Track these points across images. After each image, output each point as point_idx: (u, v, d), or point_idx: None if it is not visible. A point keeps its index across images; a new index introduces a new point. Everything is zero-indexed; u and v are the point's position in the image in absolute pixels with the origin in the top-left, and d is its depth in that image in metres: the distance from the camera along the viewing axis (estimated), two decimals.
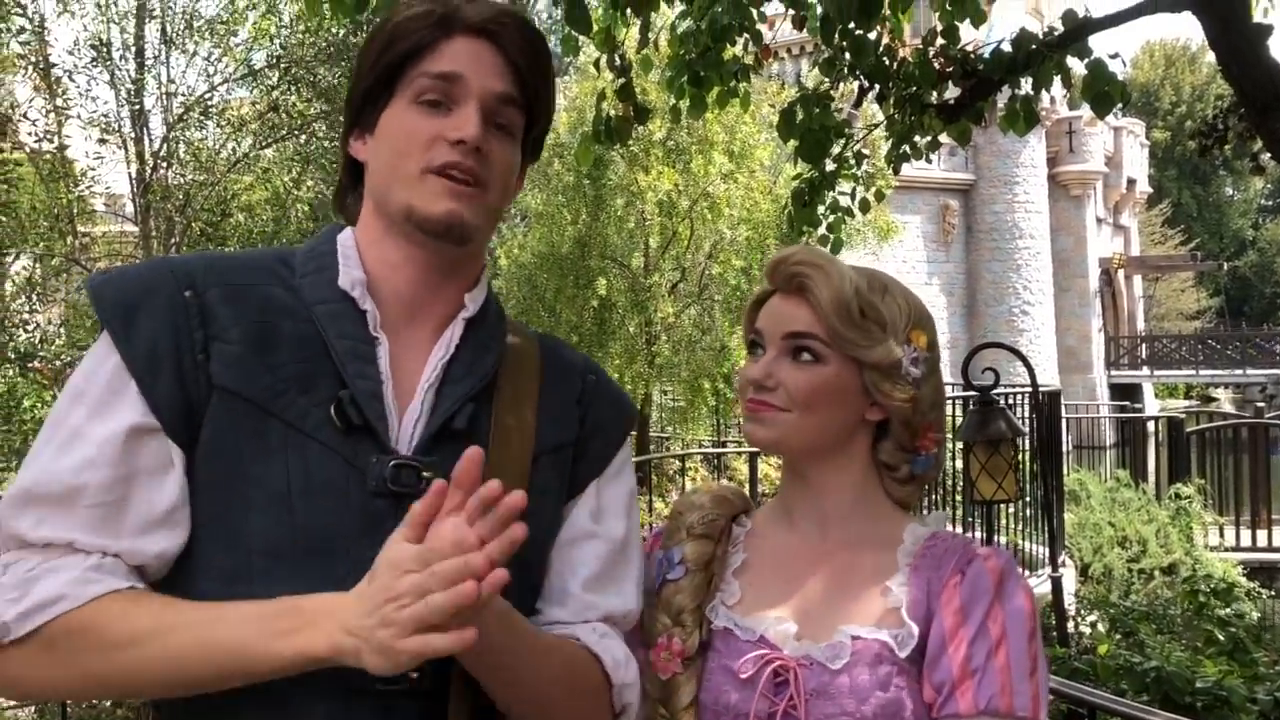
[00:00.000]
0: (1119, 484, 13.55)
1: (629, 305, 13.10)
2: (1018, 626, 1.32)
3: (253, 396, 1.21)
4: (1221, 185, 61.96)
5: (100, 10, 10.70)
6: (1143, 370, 36.09)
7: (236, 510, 1.19)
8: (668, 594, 1.44)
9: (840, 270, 1.44)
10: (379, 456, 1.23)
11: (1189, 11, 4.86)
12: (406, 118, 1.29)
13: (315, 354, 1.24)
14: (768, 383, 1.42)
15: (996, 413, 5.26)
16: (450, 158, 1.27)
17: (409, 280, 1.32)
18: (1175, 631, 6.29)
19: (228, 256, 1.36)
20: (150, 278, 1.25)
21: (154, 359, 1.20)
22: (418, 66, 1.29)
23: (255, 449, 1.20)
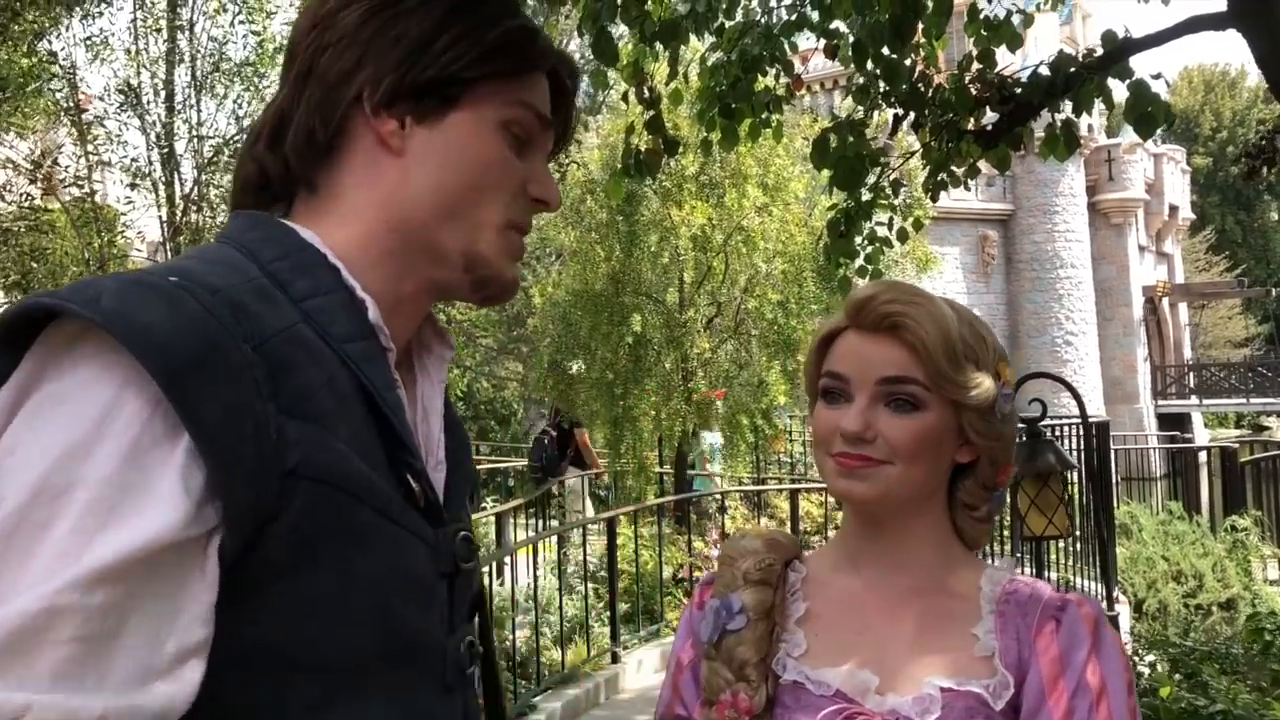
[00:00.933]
0: (1171, 516, 13.22)
1: (664, 341, 13.01)
2: (1116, 678, 1.24)
3: (349, 484, 0.92)
4: (1266, 210, 61.00)
5: (130, 56, 10.87)
6: (1191, 399, 35.46)
7: (331, 628, 0.92)
8: (729, 646, 1.32)
9: (940, 307, 1.34)
10: (441, 531, 1.03)
11: (1234, 30, 4.73)
12: (493, 145, 1.06)
13: (364, 413, 0.96)
14: (867, 434, 1.29)
15: (1045, 445, 5.08)
16: (526, 219, 1.10)
17: (411, 318, 1.09)
18: (1240, 672, 6.03)
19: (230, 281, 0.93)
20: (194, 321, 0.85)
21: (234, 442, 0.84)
22: (518, 90, 1.07)
23: (355, 548, 0.93)
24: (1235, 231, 57.79)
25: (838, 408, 1.33)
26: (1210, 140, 57.56)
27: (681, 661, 1.41)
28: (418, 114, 1.04)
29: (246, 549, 0.87)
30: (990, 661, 1.26)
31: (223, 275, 0.93)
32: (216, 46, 11.20)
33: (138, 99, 10.81)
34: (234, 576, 0.86)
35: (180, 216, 10.82)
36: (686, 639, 1.42)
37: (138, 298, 0.85)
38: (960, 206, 30.04)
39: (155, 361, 0.82)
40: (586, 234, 13.19)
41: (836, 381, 1.34)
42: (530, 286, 13.95)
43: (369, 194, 1.05)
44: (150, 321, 0.83)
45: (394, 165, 1.04)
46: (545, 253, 15.99)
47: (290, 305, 0.95)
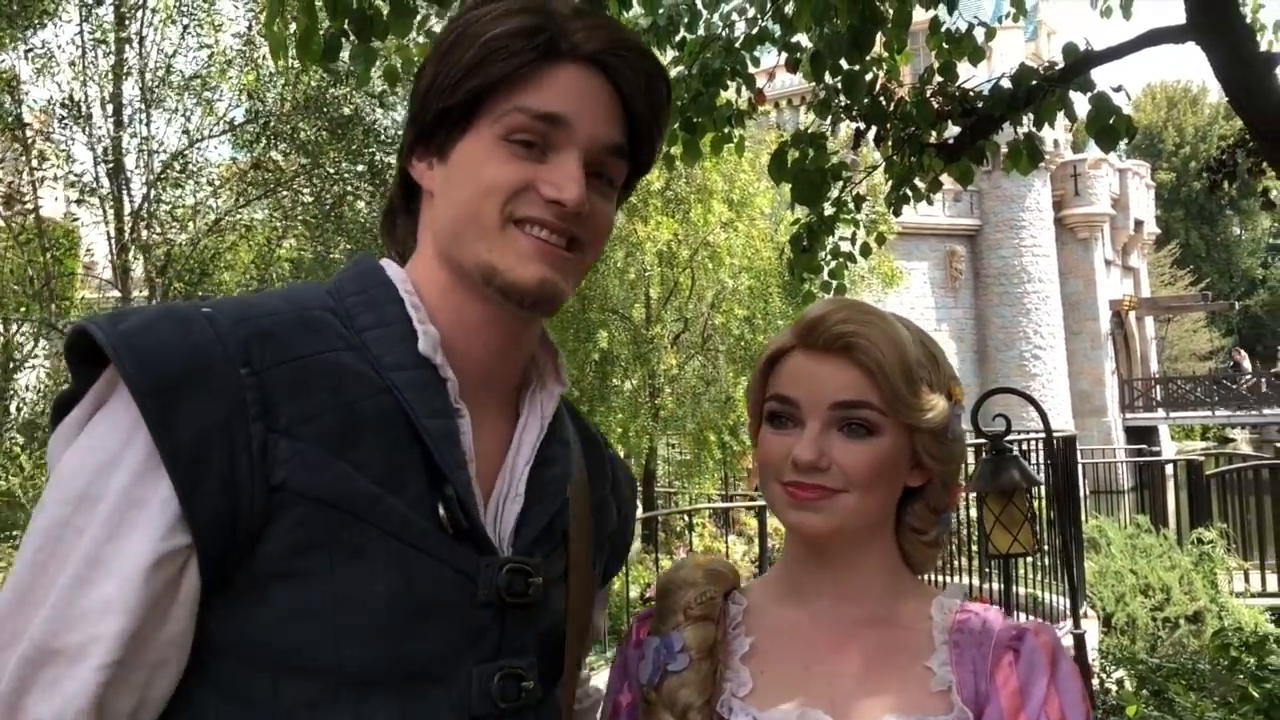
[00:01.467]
0: (1139, 530, 13.27)
1: (631, 358, 12.98)
2: (1075, 709, 1.19)
3: (345, 503, 0.98)
4: (1229, 225, 61.87)
5: (75, 70, 10.70)
6: (1158, 412, 35.75)
7: (323, 637, 0.98)
8: (670, 688, 1.23)
9: (895, 327, 1.27)
10: (488, 560, 1.06)
11: (1193, 43, 4.73)
12: (492, 157, 1.07)
13: (400, 439, 1.03)
14: (821, 463, 1.21)
15: (1009, 461, 5.02)
16: (539, 214, 1.07)
17: (487, 346, 1.12)
18: (1206, 688, 6.00)
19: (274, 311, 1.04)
20: (195, 343, 0.96)
21: (200, 459, 0.93)
22: (512, 98, 1.07)
23: (349, 566, 0.98)
24: (1199, 246, 58.57)
25: (786, 433, 1.25)
26: (1174, 156, 58.35)
27: (620, 704, 1.32)
28: (432, 148, 1.12)
29: (244, 553, 0.96)
30: (947, 696, 1.19)
31: (278, 305, 1.05)
32: (165, 59, 11.05)
33: (79, 112, 10.63)
34: (232, 577, 0.97)
35: (129, 233, 10.63)
36: (623, 680, 1.33)
37: (153, 323, 0.97)
38: (928, 222, 30.23)
39: (134, 381, 0.93)
40: None
41: (786, 405, 1.26)
42: None
43: (425, 231, 1.15)
44: (145, 344, 0.94)
45: (431, 203, 1.14)
46: None
47: (340, 335, 1.04)
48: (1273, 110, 4.55)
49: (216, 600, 0.98)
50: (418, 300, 1.11)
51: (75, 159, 10.89)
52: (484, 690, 1.06)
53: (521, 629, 1.10)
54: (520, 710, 1.09)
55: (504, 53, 1.07)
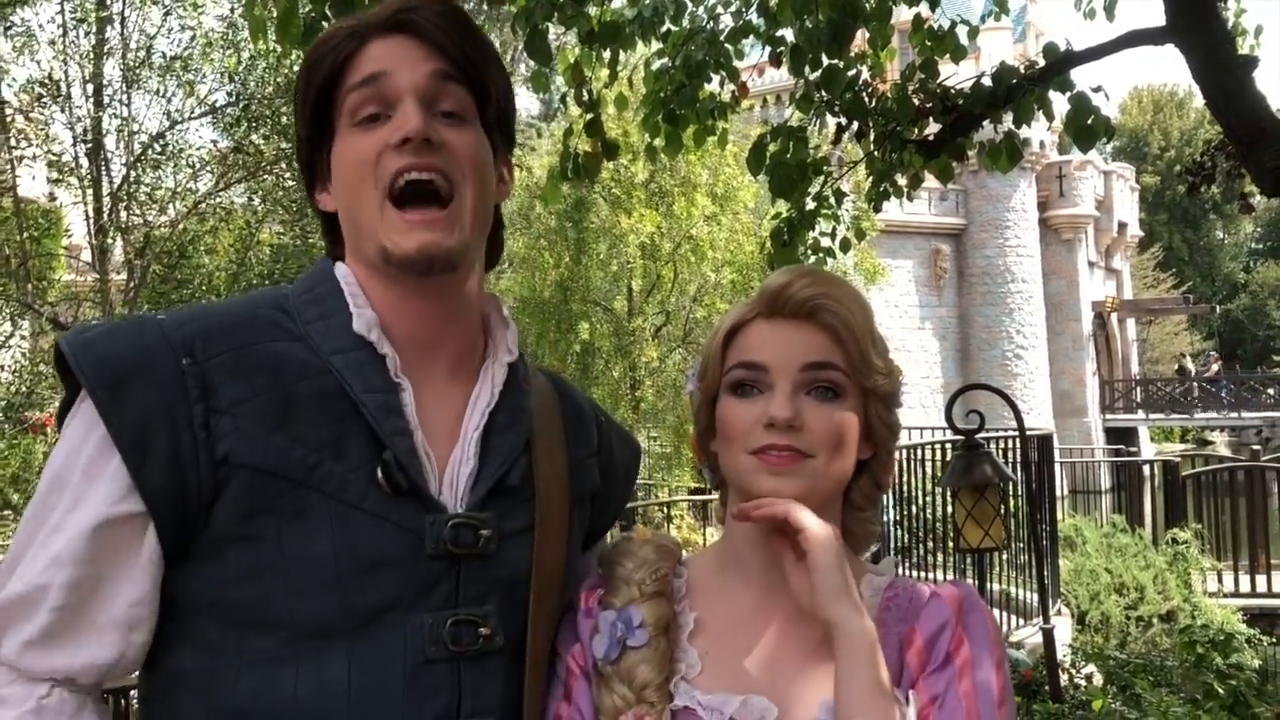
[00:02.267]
0: (1115, 529, 13.34)
1: (612, 350, 12.98)
2: (983, 652, 1.19)
3: (283, 471, 1.11)
4: (1212, 229, 62.22)
5: (55, 49, 10.60)
6: (1138, 414, 35.94)
7: (276, 596, 1.11)
8: (630, 664, 1.23)
9: (856, 291, 1.28)
10: (434, 517, 1.16)
11: (1172, 45, 4.75)
12: (349, 144, 1.19)
13: (341, 413, 1.15)
14: (796, 421, 1.21)
15: (982, 457, 5.07)
16: (400, 162, 1.15)
17: (416, 319, 1.22)
18: (1173, 684, 6.06)
19: (222, 313, 1.20)
20: (143, 342, 1.12)
21: (145, 436, 1.08)
22: (344, 86, 1.20)
23: (293, 528, 1.11)
24: (1182, 249, 58.88)
25: (753, 400, 1.25)
26: (1159, 159, 58.61)
27: (572, 669, 1.30)
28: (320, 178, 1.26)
29: (201, 520, 1.09)
30: None
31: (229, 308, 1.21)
32: (146, 40, 10.95)
33: (59, 92, 10.53)
34: (196, 542, 1.11)
35: (108, 214, 10.54)
36: (573, 642, 1.31)
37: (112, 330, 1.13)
38: (913, 220, 30.29)
39: (88, 378, 1.08)
40: (535, 241, 13.12)
41: (752, 372, 1.26)
42: None
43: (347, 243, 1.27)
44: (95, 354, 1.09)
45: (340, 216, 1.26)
46: None
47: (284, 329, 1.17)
48: (1249, 114, 4.58)
49: (184, 563, 1.12)
50: (357, 290, 1.22)
51: (54, 139, 10.81)
52: (436, 635, 1.15)
53: (478, 578, 1.18)
54: (481, 655, 1.18)
55: (321, 60, 1.21)
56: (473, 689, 1.17)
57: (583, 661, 1.29)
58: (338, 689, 1.11)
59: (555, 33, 5.85)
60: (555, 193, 5.62)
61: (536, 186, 12.93)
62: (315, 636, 1.11)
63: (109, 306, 10.69)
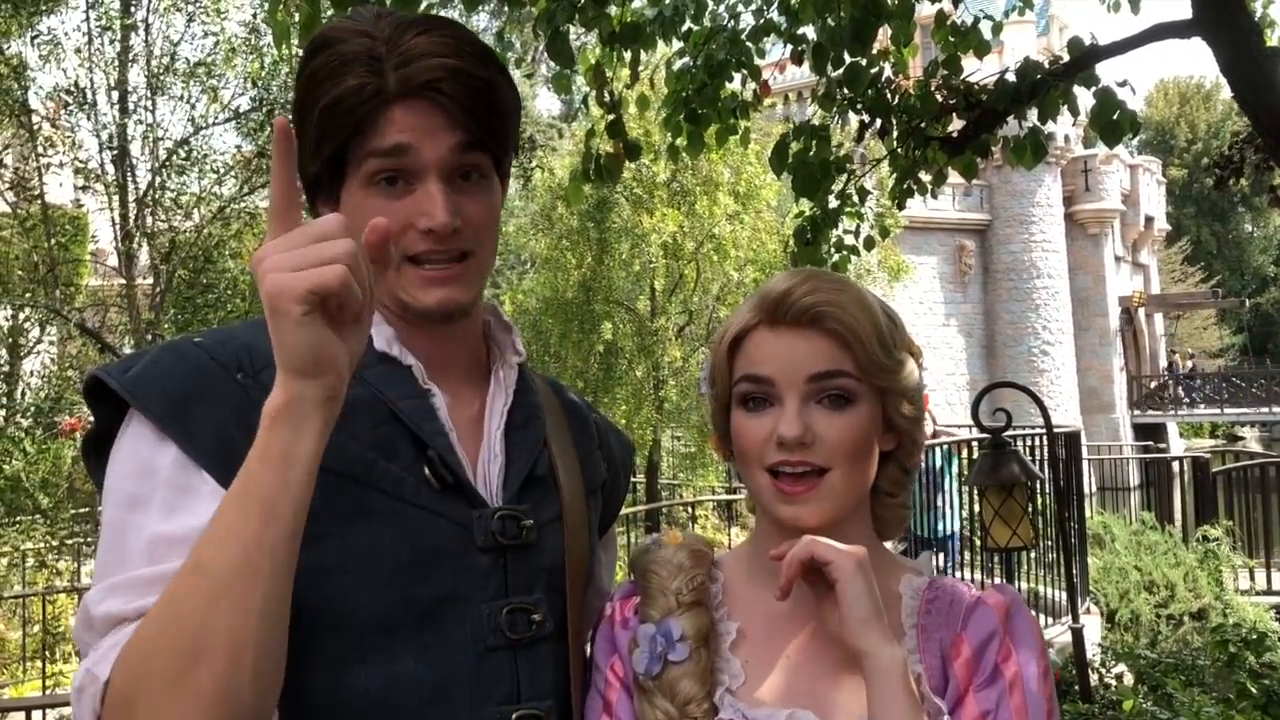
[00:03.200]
0: (1144, 526, 13.21)
1: (636, 350, 12.96)
2: (1031, 664, 1.17)
3: (346, 470, 1.15)
4: (1241, 222, 61.56)
5: (80, 57, 10.70)
6: (1167, 410, 35.61)
7: (340, 594, 1.14)
8: (672, 679, 1.21)
9: (861, 292, 1.26)
10: (479, 511, 1.22)
11: (1199, 38, 4.70)
12: (367, 207, 1.19)
13: (384, 418, 1.20)
14: (806, 438, 1.20)
15: (1009, 455, 5.02)
16: (424, 247, 1.20)
17: (429, 345, 1.28)
18: (1205, 684, 5.99)
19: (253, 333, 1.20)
20: (192, 366, 1.16)
21: (226, 450, 1.10)
22: (363, 147, 1.19)
23: (353, 525, 1.15)
24: (1210, 243, 58.27)
25: (763, 414, 1.23)
26: (1185, 152, 58.05)
27: (611, 682, 1.29)
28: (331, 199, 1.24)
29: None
30: (918, 687, 1.17)
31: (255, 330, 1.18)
32: (170, 46, 11.03)
33: (84, 99, 10.63)
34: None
35: (134, 220, 10.63)
36: (612, 654, 1.30)
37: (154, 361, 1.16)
38: (937, 216, 30.14)
39: (154, 411, 1.11)
40: (557, 241, 13.13)
41: (759, 386, 1.24)
42: (501, 294, 13.88)
43: None
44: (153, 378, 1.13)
45: None
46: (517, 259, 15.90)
47: None
48: (1277, 105, 4.53)
49: None
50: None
51: (81, 145, 10.91)
52: (495, 624, 1.20)
53: (523, 568, 1.24)
54: (534, 642, 1.24)
55: (342, 115, 1.18)
56: (529, 674, 1.22)
57: (622, 674, 1.28)
58: (408, 682, 1.15)
59: (576, 34, 5.85)
60: (578, 193, 5.62)
61: (559, 187, 12.95)
62: (381, 632, 1.15)
63: (135, 312, 10.77)
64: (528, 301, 13.41)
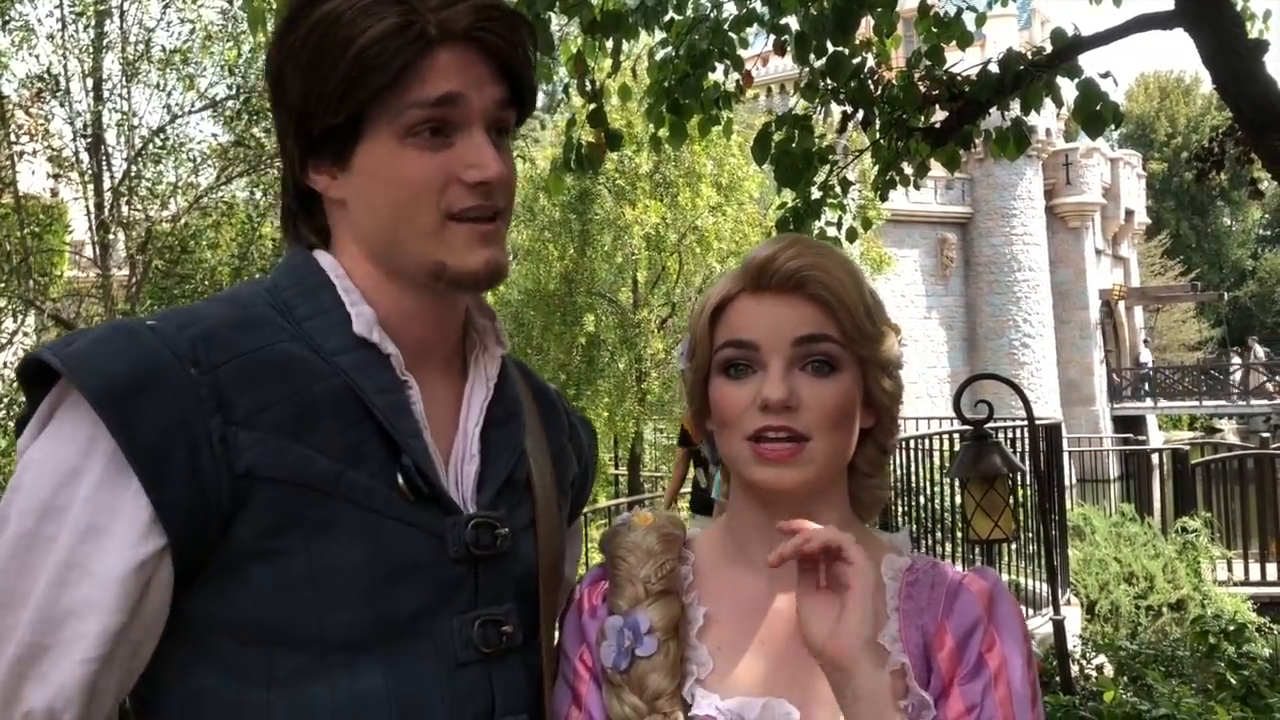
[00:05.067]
0: (1124, 518, 13.30)
1: (618, 342, 12.95)
2: (1015, 654, 1.15)
3: (310, 482, 1.06)
4: (1219, 216, 61.99)
5: (54, 43, 10.58)
6: (1146, 402, 35.84)
7: (306, 611, 1.06)
8: (640, 673, 1.17)
9: (845, 258, 1.23)
10: (453, 520, 1.14)
11: (1181, 29, 4.70)
12: (404, 160, 1.10)
13: (355, 416, 1.10)
14: (791, 401, 1.16)
15: (991, 447, 5.03)
16: (473, 201, 1.11)
17: (423, 327, 1.19)
18: (1185, 674, 6.02)
19: (217, 315, 1.10)
20: (143, 351, 1.02)
21: (164, 453, 1.00)
22: (404, 97, 1.08)
23: (321, 539, 1.06)
24: (1189, 236, 58.67)
25: (745, 380, 1.19)
26: (1165, 146, 58.37)
27: (580, 673, 1.25)
28: (335, 164, 1.13)
29: (217, 539, 1.03)
30: (903, 678, 1.14)
31: (217, 309, 1.11)
32: (146, 33, 10.92)
33: (58, 86, 10.51)
34: (211, 560, 1.04)
35: (109, 209, 10.52)
36: (579, 643, 1.26)
37: (102, 340, 1.02)
38: (919, 209, 30.21)
39: (92, 391, 0.99)
40: (539, 233, 13.09)
41: (743, 350, 1.20)
42: None
43: (344, 237, 1.18)
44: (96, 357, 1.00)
45: (343, 210, 1.16)
46: None
47: (282, 328, 1.10)
48: (1259, 98, 4.53)
49: (199, 583, 1.05)
50: (349, 284, 1.16)
51: (55, 134, 10.79)
52: (466, 638, 1.14)
53: (495, 578, 1.17)
54: (505, 654, 1.17)
55: (380, 60, 1.07)
56: (503, 688, 1.16)
57: (591, 665, 1.24)
58: (375, 701, 1.08)
59: (558, 22, 5.81)
60: (559, 184, 5.58)
61: (540, 178, 12.91)
62: (347, 649, 1.07)
63: (111, 302, 10.68)
64: (510, 293, 13.36)
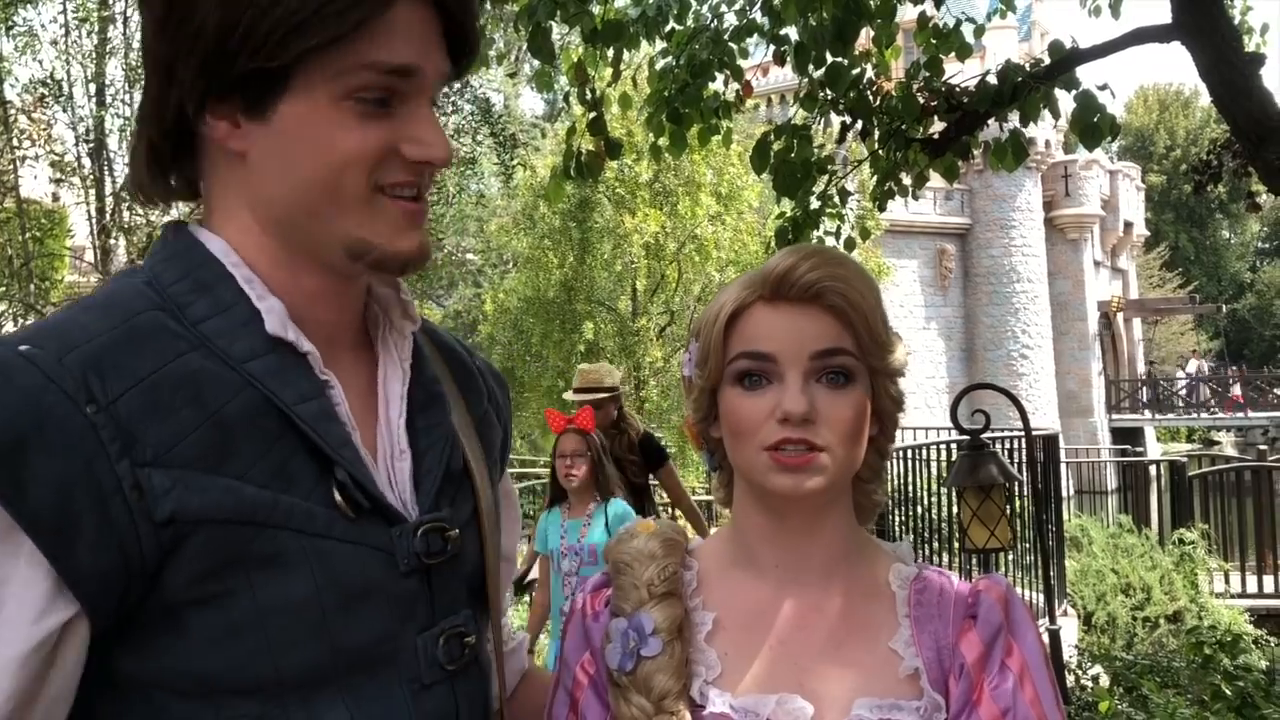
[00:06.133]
0: (1121, 530, 13.30)
1: (617, 349, 12.97)
2: (1035, 655, 1.17)
3: (244, 516, 0.92)
4: (1218, 228, 62.09)
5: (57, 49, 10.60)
6: (1144, 414, 35.86)
7: (256, 655, 0.93)
8: (646, 674, 1.18)
9: (863, 270, 1.22)
10: (399, 529, 1.01)
11: (1178, 42, 4.73)
12: (337, 122, 0.95)
13: (274, 431, 0.95)
14: (810, 415, 1.16)
15: (988, 457, 5.03)
16: (406, 177, 0.99)
17: (332, 311, 1.05)
18: (1181, 686, 6.02)
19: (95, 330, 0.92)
20: (26, 393, 0.85)
21: (66, 516, 0.85)
22: (354, 53, 0.94)
23: (265, 574, 0.93)
24: (1188, 248, 58.75)
25: (761, 392, 1.18)
26: (1164, 158, 58.48)
27: (580, 680, 1.25)
28: (246, 111, 0.96)
29: (143, 593, 0.89)
30: (916, 682, 1.16)
31: (96, 323, 0.92)
32: None
33: (61, 92, 10.52)
34: (137, 615, 0.90)
35: (110, 214, 10.53)
36: (583, 650, 1.26)
37: None
38: (918, 220, 30.25)
39: None
40: (539, 240, 13.11)
41: (759, 362, 1.18)
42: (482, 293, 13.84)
43: (235, 198, 1.01)
44: None
45: (241, 166, 0.99)
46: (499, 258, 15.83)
47: (179, 336, 0.94)
48: (1256, 111, 4.56)
49: (126, 640, 0.92)
50: (249, 273, 1.00)
51: (57, 139, 10.79)
52: (431, 657, 1.04)
53: (448, 584, 1.07)
54: (468, 665, 1.10)
55: (336, 6, 0.93)
56: (467, 702, 1.10)
57: (593, 671, 1.25)
58: None
59: (559, 31, 5.84)
60: (559, 192, 5.60)
61: (540, 186, 12.94)
62: (304, 688, 0.96)
63: None
64: (509, 301, 13.37)
